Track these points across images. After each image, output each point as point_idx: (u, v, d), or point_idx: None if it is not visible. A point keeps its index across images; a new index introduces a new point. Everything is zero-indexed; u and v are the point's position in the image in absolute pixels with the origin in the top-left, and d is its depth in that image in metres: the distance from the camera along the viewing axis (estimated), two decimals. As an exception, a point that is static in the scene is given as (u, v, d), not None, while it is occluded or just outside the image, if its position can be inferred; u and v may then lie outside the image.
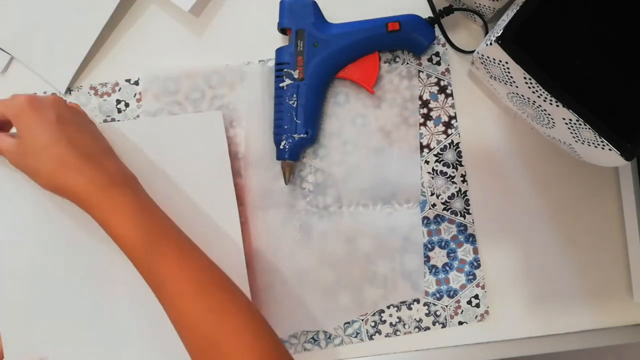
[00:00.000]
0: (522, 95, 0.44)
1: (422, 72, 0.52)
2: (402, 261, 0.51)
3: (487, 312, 0.52)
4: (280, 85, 0.49)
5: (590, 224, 0.53)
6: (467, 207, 0.52)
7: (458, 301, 0.52)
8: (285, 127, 0.49)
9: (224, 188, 0.49)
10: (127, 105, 0.52)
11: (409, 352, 0.52)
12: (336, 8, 0.52)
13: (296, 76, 0.48)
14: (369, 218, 0.52)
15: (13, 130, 0.43)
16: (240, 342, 0.37)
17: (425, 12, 0.50)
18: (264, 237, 0.51)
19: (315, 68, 0.48)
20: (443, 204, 0.52)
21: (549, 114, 0.43)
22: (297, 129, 0.49)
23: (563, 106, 0.39)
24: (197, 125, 0.50)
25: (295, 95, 0.48)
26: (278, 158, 0.50)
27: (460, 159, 0.52)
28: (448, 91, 0.53)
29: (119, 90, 0.53)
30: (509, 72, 0.42)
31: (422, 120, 0.52)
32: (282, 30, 0.51)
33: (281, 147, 0.49)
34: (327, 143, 0.52)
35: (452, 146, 0.52)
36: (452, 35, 0.52)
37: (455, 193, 0.52)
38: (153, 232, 0.40)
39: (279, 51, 0.49)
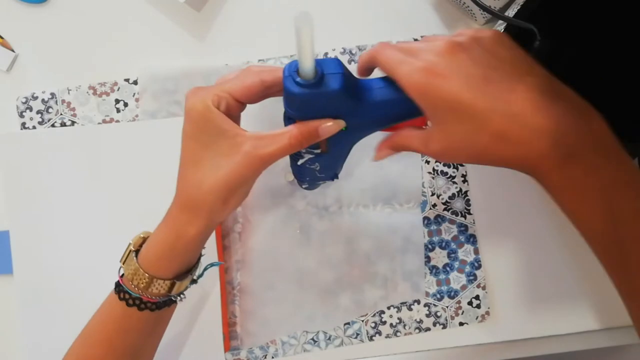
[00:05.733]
0: (523, 95, 0.43)
1: (423, 71, 0.52)
2: (402, 262, 0.51)
3: (488, 313, 0.51)
4: (299, 163, 0.38)
5: (592, 224, 0.53)
6: (468, 208, 0.52)
7: (459, 302, 0.51)
8: (307, 179, 0.42)
9: None
10: (125, 104, 0.52)
11: (409, 353, 0.51)
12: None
13: (318, 151, 0.36)
14: (369, 218, 0.51)
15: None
16: None
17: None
18: (264, 237, 0.51)
19: (342, 144, 0.37)
20: (444, 204, 0.52)
21: (550, 114, 0.42)
22: (321, 179, 0.42)
23: (564, 106, 0.39)
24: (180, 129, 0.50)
25: (317, 164, 0.38)
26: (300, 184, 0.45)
27: (460, 159, 0.52)
28: (448, 91, 0.52)
29: (118, 90, 0.52)
30: (510, 72, 0.42)
31: (422, 120, 0.52)
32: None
33: (304, 187, 0.45)
34: (327, 143, 0.52)
35: (452, 146, 0.52)
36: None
37: (456, 193, 0.52)
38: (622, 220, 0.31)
39: None
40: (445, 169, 0.52)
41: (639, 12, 0.40)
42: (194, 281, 0.40)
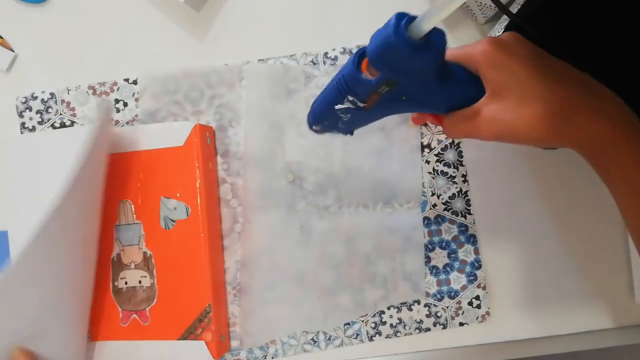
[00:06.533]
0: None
1: (423, 71, 0.52)
2: (402, 262, 0.51)
3: (488, 313, 0.51)
4: (337, 107, 0.36)
5: (592, 224, 0.53)
6: (468, 208, 0.52)
7: (459, 302, 0.51)
8: (325, 123, 0.39)
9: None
10: (125, 104, 0.52)
11: (409, 353, 0.51)
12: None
13: (360, 105, 0.35)
14: (370, 218, 0.51)
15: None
16: None
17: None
18: (264, 237, 0.51)
19: (389, 109, 0.36)
20: (444, 204, 0.52)
21: (550, 114, 0.42)
22: (336, 130, 0.40)
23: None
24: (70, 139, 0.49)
25: (349, 115, 0.37)
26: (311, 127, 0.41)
27: (461, 159, 0.52)
28: (449, 91, 0.52)
29: (118, 90, 0.52)
30: (510, 72, 0.42)
31: (422, 119, 0.52)
32: (363, 53, 0.33)
33: (314, 128, 0.41)
34: (327, 143, 0.52)
35: (453, 146, 0.52)
36: (452, 35, 0.52)
37: (456, 193, 0.52)
38: None
39: (352, 76, 0.33)
40: (446, 169, 0.52)
41: (637, 14, 0.40)
42: None
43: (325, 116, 0.38)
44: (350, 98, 0.35)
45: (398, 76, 0.32)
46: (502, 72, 0.33)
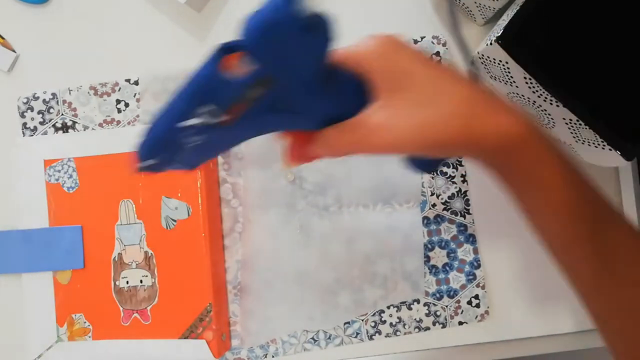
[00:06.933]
0: (522, 95, 0.44)
1: (422, 72, 0.52)
2: (402, 261, 0.51)
3: (487, 312, 0.51)
4: (185, 123, 0.28)
5: (591, 224, 0.53)
6: (468, 207, 0.52)
7: (458, 301, 0.51)
8: (161, 153, 0.30)
9: None
10: (127, 105, 0.52)
11: (409, 352, 0.52)
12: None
13: (219, 120, 0.28)
14: (369, 218, 0.52)
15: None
16: None
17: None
18: (265, 237, 0.51)
19: (255, 125, 0.29)
20: (443, 204, 0.52)
21: (549, 114, 0.43)
22: (176, 163, 0.31)
23: (563, 106, 0.39)
24: None
25: (198, 137, 0.28)
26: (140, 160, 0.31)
27: (460, 159, 0.52)
28: (448, 91, 0.52)
29: (119, 90, 0.52)
30: (509, 72, 0.42)
31: (422, 120, 0.52)
32: (228, 49, 0.28)
33: (142, 164, 0.31)
34: (327, 143, 0.52)
35: (452, 146, 0.52)
36: (451, 36, 0.52)
37: (456, 193, 0.52)
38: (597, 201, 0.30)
39: (213, 77, 0.27)
40: (445, 169, 0.52)
41: (637, 14, 0.40)
42: None
43: (164, 144, 0.29)
44: (206, 109, 0.27)
45: (278, 68, 0.26)
46: (396, 72, 0.29)
